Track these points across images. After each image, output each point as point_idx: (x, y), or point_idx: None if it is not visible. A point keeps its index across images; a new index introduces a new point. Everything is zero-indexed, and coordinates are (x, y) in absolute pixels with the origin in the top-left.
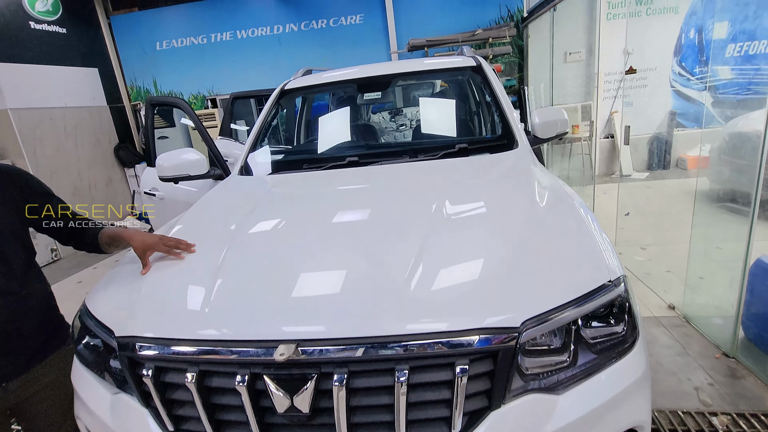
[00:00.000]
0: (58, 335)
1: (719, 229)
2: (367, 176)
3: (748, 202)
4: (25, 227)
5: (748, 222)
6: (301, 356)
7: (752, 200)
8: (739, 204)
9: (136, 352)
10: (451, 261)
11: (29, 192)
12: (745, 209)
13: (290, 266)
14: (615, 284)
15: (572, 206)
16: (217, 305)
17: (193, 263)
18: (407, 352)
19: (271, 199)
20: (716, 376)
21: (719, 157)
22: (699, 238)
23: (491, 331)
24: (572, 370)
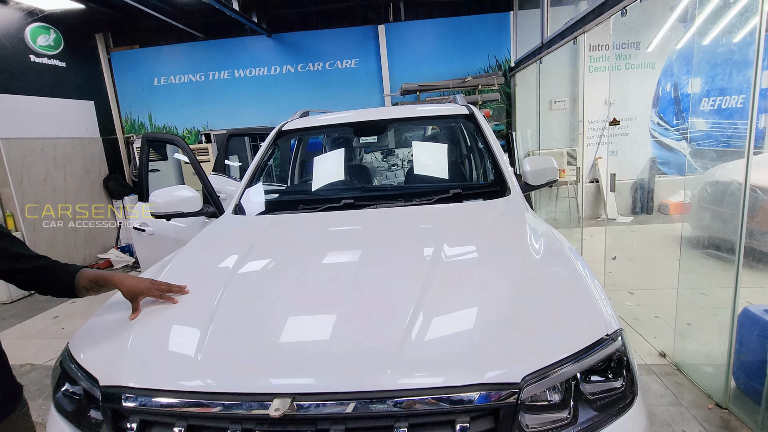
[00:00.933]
0: (10, 399)
1: (703, 276)
2: (363, 220)
3: (731, 250)
4: None
5: (734, 269)
6: (297, 412)
7: (736, 250)
8: (722, 251)
9: (121, 404)
10: (449, 313)
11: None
12: (729, 257)
13: (285, 316)
14: (612, 338)
15: (565, 254)
16: (208, 355)
17: (184, 309)
18: (407, 408)
19: (265, 243)
20: (710, 428)
21: (699, 204)
22: (685, 283)
23: (492, 386)
24: (573, 428)
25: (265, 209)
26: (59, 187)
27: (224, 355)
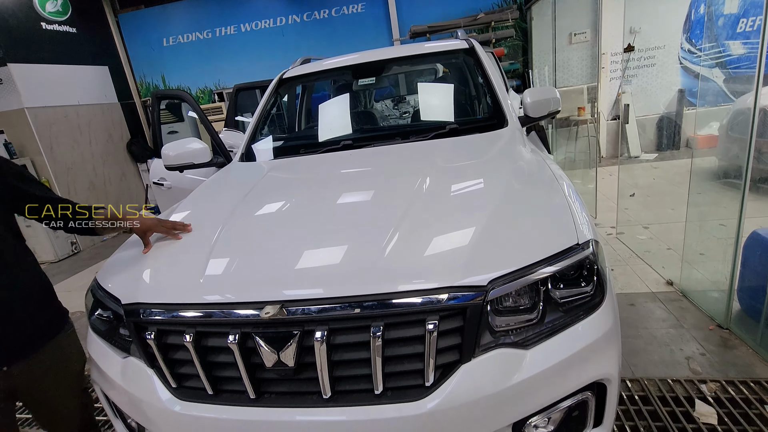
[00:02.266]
0: (56, 321)
1: (722, 207)
2: (359, 157)
3: (752, 178)
4: (9, 213)
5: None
6: (286, 316)
7: (743, 170)
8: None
9: (140, 317)
10: (427, 229)
11: (10, 176)
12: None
13: (277, 238)
14: (583, 247)
15: (551, 178)
16: (211, 274)
17: (191, 240)
18: (381, 309)
19: (266, 182)
20: (708, 346)
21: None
22: (700, 215)
23: (460, 289)
24: (540, 326)
25: (270, 155)
26: (86, 153)
27: (223, 274)
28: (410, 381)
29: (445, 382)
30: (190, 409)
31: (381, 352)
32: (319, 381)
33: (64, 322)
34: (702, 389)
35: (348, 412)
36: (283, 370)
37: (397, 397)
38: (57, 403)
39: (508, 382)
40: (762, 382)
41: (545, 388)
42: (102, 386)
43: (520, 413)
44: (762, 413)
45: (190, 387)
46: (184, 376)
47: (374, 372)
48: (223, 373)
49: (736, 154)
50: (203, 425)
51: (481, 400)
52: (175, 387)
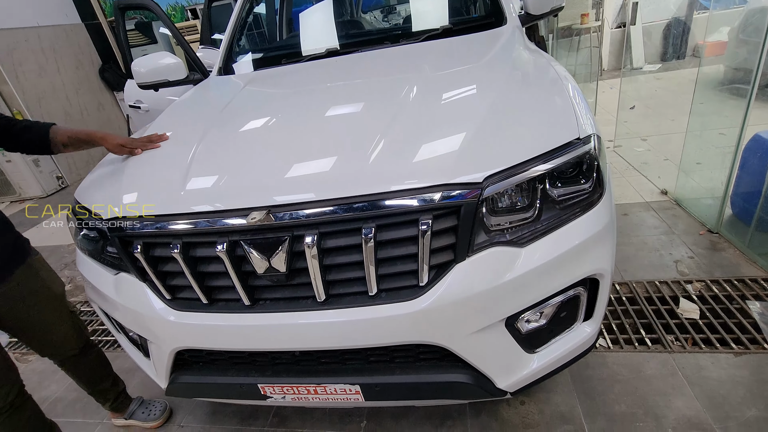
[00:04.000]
0: (20, 249)
1: (724, 116)
2: (345, 63)
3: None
4: None
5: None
6: (273, 221)
7: (753, 71)
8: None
9: (124, 232)
10: (419, 130)
11: None
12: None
13: (260, 147)
14: (584, 142)
15: (552, 75)
16: (194, 183)
17: (169, 154)
18: (372, 210)
19: (246, 93)
20: (697, 249)
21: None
22: (701, 124)
23: (454, 187)
24: (535, 225)
25: (249, 67)
26: (56, 81)
27: (206, 183)
28: (404, 282)
29: (439, 282)
30: (186, 318)
31: (374, 254)
32: (313, 285)
33: (29, 249)
34: (687, 289)
35: (343, 314)
36: (275, 275)
37: (392, 297)
38: (45, 330)
39: (502, 280)
40: (746, 279)
41: (539, 285)
42: (99, 304)
43: (513, 309)
44: (743, 307)
45: (185, 298)
46: (178, 287)
47: (367, 274)
48: (216, 282)
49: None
50: (200, 333)
51: (474, 297)
52: (169, 299)
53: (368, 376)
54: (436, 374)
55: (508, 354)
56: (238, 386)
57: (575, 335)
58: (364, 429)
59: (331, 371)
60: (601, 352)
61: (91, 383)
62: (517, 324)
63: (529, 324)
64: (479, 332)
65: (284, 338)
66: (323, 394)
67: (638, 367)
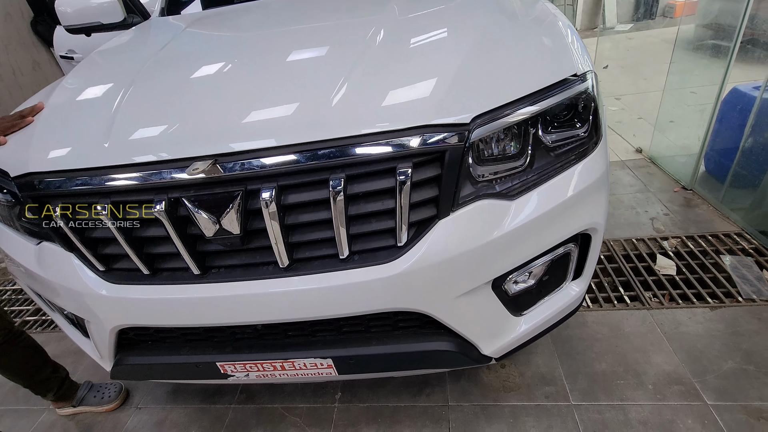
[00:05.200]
0: None
1: (695, 74)
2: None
3: (731, 38)
4: None
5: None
6: (222, 173)
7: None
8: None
9: (37, 191)
10: (397, 60)
11: None
12: (726, 44)
13: (205, 88)
14: (581, 79)
15: (546, 11)
16: (122, 131)
17: (92, 98)
18: (340, 158)
19: (189, 33)
20: (672, 206)
21: None
22: (673, 83)
23: (436, 128)
24: (527, 174)
25: (198, 6)
26: None
27: (136, 130)
28: (380, 242)
29: (420, 241)
30: (124, 292)
31: (344, 210)
32: (273, 249)
33: None
34: (664, 245)
35: (310, 280)
36: (228, 239)
37: (366, 260)
38: None
39: (490, 237)
40: (720, 235)
41: (530, 241)
42: (23, 280)
43: (501, 269)
44: (717, 262)
45: (122, 268)
46: (112, 256)
47: (337, 235)
48: (158, 248)
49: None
50: (143, 309)
51: (459, 258)
52: (103, 270)
53: (341, 349)
54: (417, 343)
55: (494, 318)
56: (194, 366)
57: (564, 295)
58: (339, 400)
59: (299, 345)
60: (581, 311)
61: (26, 375)
62: (504, 285)
63: (517, 285)
64: (464, 296)
65: (243, 311)
66: (291, 370)
67: (617, 325)
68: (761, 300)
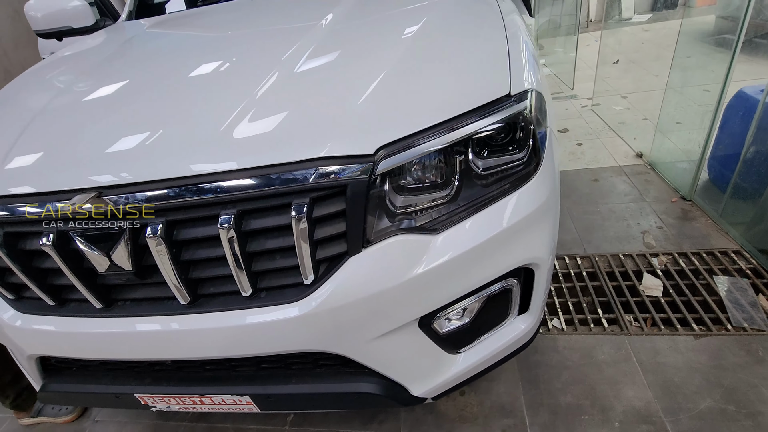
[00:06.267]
0: None
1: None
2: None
3: None
4: None
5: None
6: (105, 206)
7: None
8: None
9: None
10: (303, 82)
11: None
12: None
13: (104, 109)
14: (516, 100)
15: (492, 11)
16: (19, 158)
17: (9, 117)
18: (228, 193)
19: (126, 44)
20: (667, 219)
21: None
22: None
23: (336, 160)
24: (452, 205)
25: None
26: None
27: (30, 157)
28: (287, 279)
29: (329, 279)
30: (33, 322)
31: (237, 248)
32: (170, 286)
33: None
34: (653, 262)
35: (213, 319)
36: (123, 274)
37: (272, 298)
38: None
39: (409, 275)
40: (715, 252)
41: (457, 279)
42: None
43: (425, 309)
44: (709, 283)
45: (33, 297)
46: (22, 286)
47: (234, 273)
48: (60, 280)
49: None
50: (52, 340)
51: (373, 297)
52: (13, 298)
53: (260, 386)
54: (339, 383)
55: (423, 357)
56: (114, 396)
57: (508, 331)
58: (290, 423)
59: (217, 379)
60: (553, 334)
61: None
62: (433, 324)
63: (449, 323)
64: (385, 335)
65: (147, 348)
66: (211, 404)
67: (590, 351)
68: (753, 329)
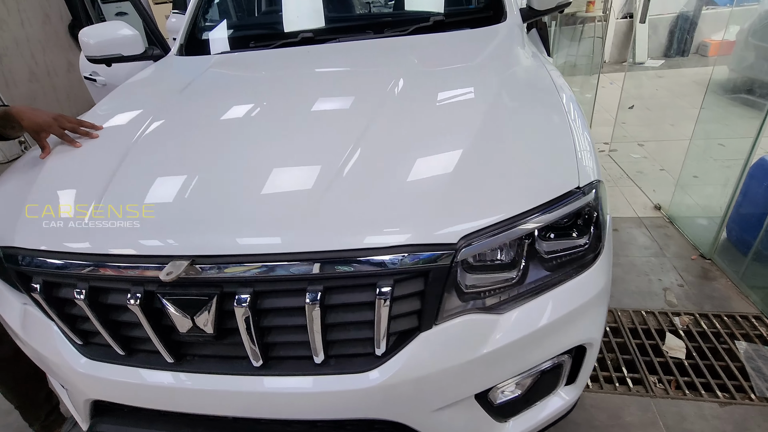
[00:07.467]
0: None
1: (725, 125)
2: (320, 56)
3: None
4: None
5: (762, 115)
6: (198, 275)
7: None
8: (755, 95)
9: (20, 265)
10: (386, 166)
11: None
12: (761, 101)
13: (195, 167)
14: (584, 192)
15: (553, 98)
16: (104, 211)
17: (91, 157)
18: (319, 272)
19: (198, 85)
20: (688, 277)
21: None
22: (702, 133)
23: (421, 248)
24: (519, 288)
25: (213, 48)
26: (20, 36)
27: (118, 212)
28: (358, 348)
29: (400, 352)
30: (100, 370)
31: (320, 320)
32: (247, 350)
33: None
34: (675, 322)
35: (284, 382)
36: (201, 336)
37: (342, 367)
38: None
39: (475, 354)
40: (736, 316)
41: (519, 358)
42: (11, 334)
43: (486, 385)
44: (731, 348)
45: (100, 344)
46: (92, 332)
47: (312, 342)
48: (133, 332)
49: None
50: (117, 388)
51: (441, 373)
52: (81, 344)
53: None
54: None
55: (477, 426)
56: None
57: (555, 401)
58: None
59: None
60: None
61: (23, 394)
62: (489, 396)
63: (503, 394)
64: (445, 407)
65: (213, 404)
66: None
67: (617, 412)
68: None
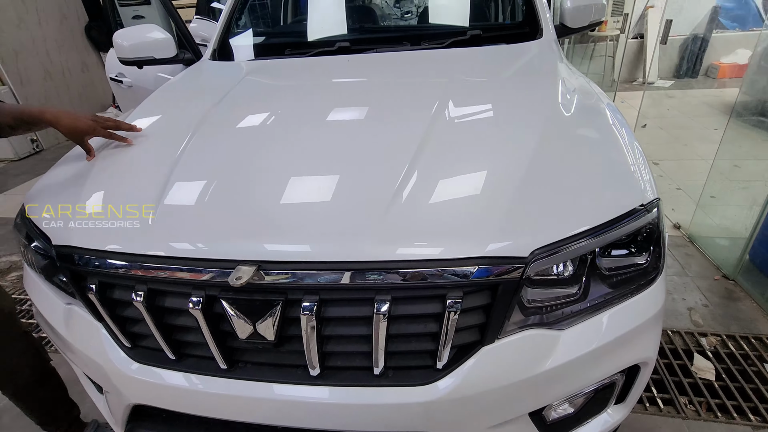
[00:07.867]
0: None
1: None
2: (360, 65)
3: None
4: None
5: None
6: (263, 281)
7: None
8: None
9: (76, 265)
10: (452, 174)
11: None
12: None
13: (258, 172)
14: (647, 209)
15: (602, 113)
16: (164, 214)
17: (144, 158)
18: (389, 281)
19: (243, 89)
20: (712, 297)
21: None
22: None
23: (493, 260)
24: (581, 304)
25: (248, 54)
26: (36, 35)
27: (181, 214)
28: (417, 361)
29: (460, 366)
30: (147, 373)
31: (386, 330)
32: (306, 358)
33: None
34: (702, 342)
35: (340, 393)
36: (261, 342)
37: (401, 379)
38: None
39: (536, 370)
40: (763, 338)
41: (578, 376)
42: (48, 335)
43: (543, 402)
44: (761, 371)
45: (149, 347)
46: (140, 335)
47: (375, 352)
48: (187, 336)
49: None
50: (164, 393)
51: (501, 389)
52: (129, 347)
53: None
54: None
55: None
56: None
57: (604, 419)
58: None
59: None
60: None
61: (44, 413)
62: (542, 413)
63: (555, 412)
64: (498, 424)
65: (266, 413)
66: None
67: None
68: None
